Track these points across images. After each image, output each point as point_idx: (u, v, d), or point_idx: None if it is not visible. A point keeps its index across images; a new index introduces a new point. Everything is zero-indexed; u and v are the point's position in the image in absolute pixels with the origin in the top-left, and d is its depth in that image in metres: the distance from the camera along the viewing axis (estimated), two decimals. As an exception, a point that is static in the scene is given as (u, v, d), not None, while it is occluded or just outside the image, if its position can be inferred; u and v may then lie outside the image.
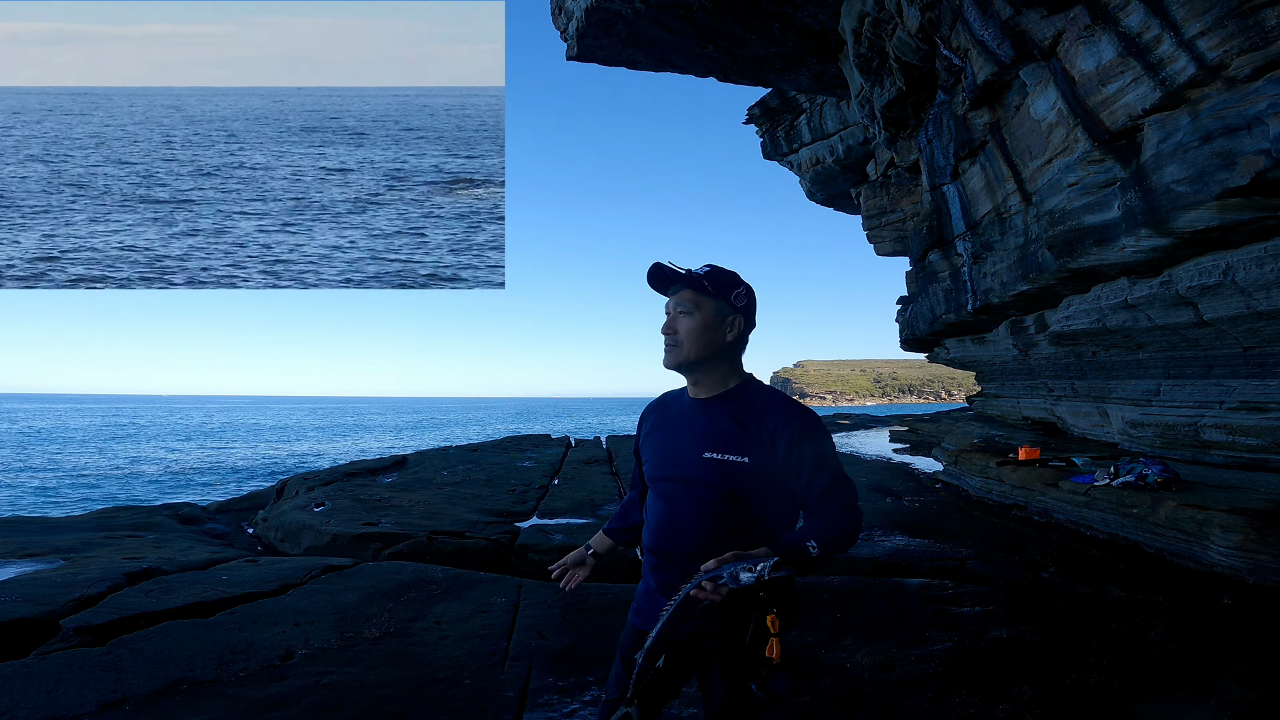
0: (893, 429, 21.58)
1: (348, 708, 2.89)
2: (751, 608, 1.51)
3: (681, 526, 1.64)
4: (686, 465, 1.63)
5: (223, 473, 27.76)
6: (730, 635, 1.57)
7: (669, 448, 1.69)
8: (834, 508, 1.56)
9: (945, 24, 7.72)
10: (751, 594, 1.44)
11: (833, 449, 1.64)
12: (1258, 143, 4.43)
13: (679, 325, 1.66)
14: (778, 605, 1.49)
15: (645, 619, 1.68)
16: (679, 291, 1.68)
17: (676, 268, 1.69)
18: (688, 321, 1.64)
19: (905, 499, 8.37)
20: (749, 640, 1.53)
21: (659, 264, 1.69)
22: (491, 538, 6.22)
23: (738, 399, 1.66)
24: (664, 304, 1.73)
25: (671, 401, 1.80)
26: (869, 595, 4.43)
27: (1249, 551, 4.53)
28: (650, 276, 1.71)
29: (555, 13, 12.31)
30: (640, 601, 1.75)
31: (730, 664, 1.58)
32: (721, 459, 1.57)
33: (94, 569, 4.61)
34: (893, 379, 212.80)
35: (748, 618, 1.54)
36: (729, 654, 1.59)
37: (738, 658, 1.56)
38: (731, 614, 1.54)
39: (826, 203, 23.48)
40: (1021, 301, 8.77)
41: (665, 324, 1.69)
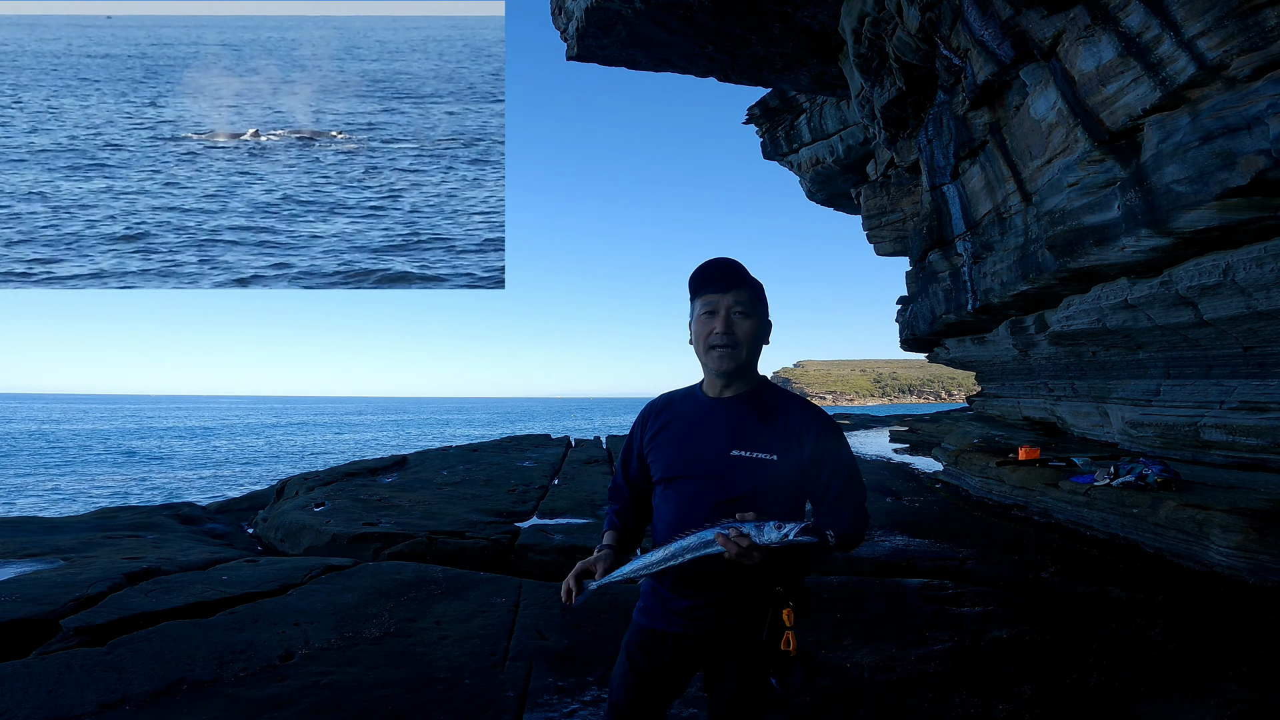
0: (893, 429, 21.60)
1: (348, 708, 2.89)
2: (768, 603, 1.54)
3: (699, 525, 1.60)
4: (710, 463, 1.60)
5: (223, 473, 27.76)
6: (747, 630, 1.57)
7: (688, 446, 1.65)
8: (849, 507, 1.60)
9: (945, 24, 7.73)
10: (769, 585, 1.51)
11: (850, 451, 1.67)
12: (1258, 143, 4.43)
13: (739, 328, 1.60)
14: (793, 599, 1.52)
15: (654, 617, 1.66)
16: (739, 292, 1.61)
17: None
18: (747, 324, 1.61)
19: (905, 499, 8.37)
20: (766, 634, 1.53)
21: (729, 260, 1.63)
22: (492, 538, 6.22)
23: (759, 398, 1.66)
24: (698, 304, 1.65)
25: (681, 400, 1.75)
26: (869, 595, 4.43)
27: (1249, 551, 4.53)
28: (712, 271, 1.63)
29: (555, 13, 12.32)
30: (648, 600, 1.70)
31: (746, 659, 1.58)
32: (750, 456, 1.57)
33: (94, 569, 4.61)
34: (893, 379, 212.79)
35: (764, 612, 1.54)
36: (745, 649, 1.58)
37: (754, 652, 1.56)
38: (748, 608, 1.56)
39: (826, 203, 23.49)
40: (1021, 301, 8.77)
41: (720, 325, 1.60)
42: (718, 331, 1.59)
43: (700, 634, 1.60)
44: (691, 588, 1.59)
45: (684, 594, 1.60)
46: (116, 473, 27.73)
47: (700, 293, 1.63)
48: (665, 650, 1.63)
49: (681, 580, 1.59)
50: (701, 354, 1.65)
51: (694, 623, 1.60)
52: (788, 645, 1.48)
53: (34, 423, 69.58)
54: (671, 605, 1.63)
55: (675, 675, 1.66)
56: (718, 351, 1.60)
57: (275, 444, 45.31)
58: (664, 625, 1.63)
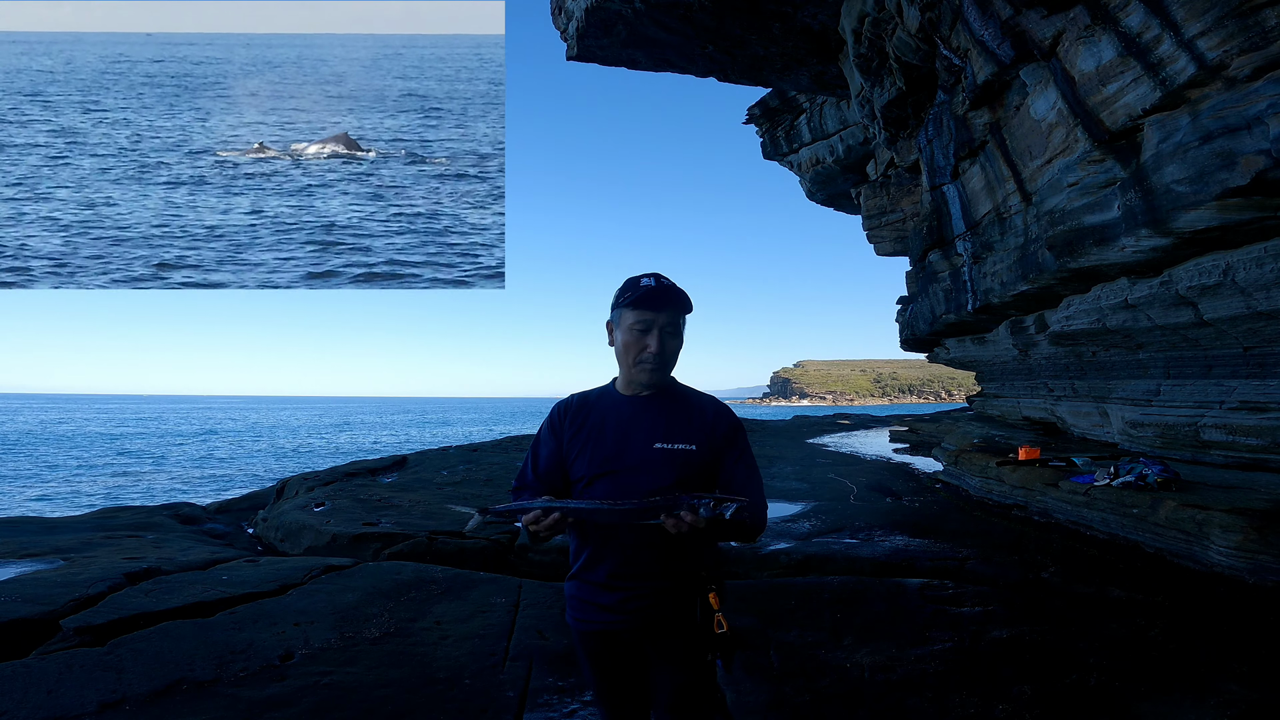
0: (893, 429, 21.60)
1: (348, 708, 2.89)
2: (694, 589, 1.65)
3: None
4: (633, 457, 1.68)
5: (222, 473, 27.76)
6: (681, 617, 1.66)
7: (613, 443, 1.71)
8: (755, 492, 1.70)
9: (945, 24, 7.73)
10: (696, 572, 1.65)
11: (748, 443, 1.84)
12: (1258, 143, 4.43)
13: (668, 347, 1.71)
14: (714, 583, 1.65)
15: (586, 620, 1.72)
16: (672, 313, 1.70)
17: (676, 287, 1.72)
18: (674, 343, 1.73)
19: (905, 499, 8.37)
20: (699, 618, 1.64)
21: (670, 282, 1.70)
22: (491, 538, 6.22)
23: (672, 395, 1.78)
24: (630, 314, 1.70)
25: (596, 400, 1.80)
26: (869, 595, 4.43)
27: (1249, 551, 4.54)
28: (654, 293, 1.68)
29: (555, 13, 12.32)
30: (575, 604, 1.75)
31: (688, 645, 1.67)
32: (672, 448, 1.67)
33: (94, 569, 4.61)
34: (893, 379, 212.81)
35: (692, 600, 1.66)
36: (685, 635, 1.67)
37: (694, 637, 1.65)
38: (679, 596, 1.66)
39: (826, 203, 23.49)
40: (1021, 301, 8.77)
41: (654, 344, 1.68)
42: (651, 351, 1.69)
43: (634, 627, 1.67)
44: (627, 579, 1.66)
45: (619, 586, 1.67)
46: (116, 472, 27.72)
47: (636, 306, 1.69)
48: (610, 648, 1.71)
49: (617, 572, 1.67)
50: (628, 364, 1.73)
51: (628, 615, 1.66)
52: (720, 627, 1.58)
53: (34, 422, 69.57)
54: (602, 601, 1.69)
55: (630, 669, 1.73)
56: (649, 366, 1.70)
57: (275, 444, 45.30)
58: (599, 625, 1.70)
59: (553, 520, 1.58)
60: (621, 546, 1.67)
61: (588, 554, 1.72)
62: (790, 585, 4.66)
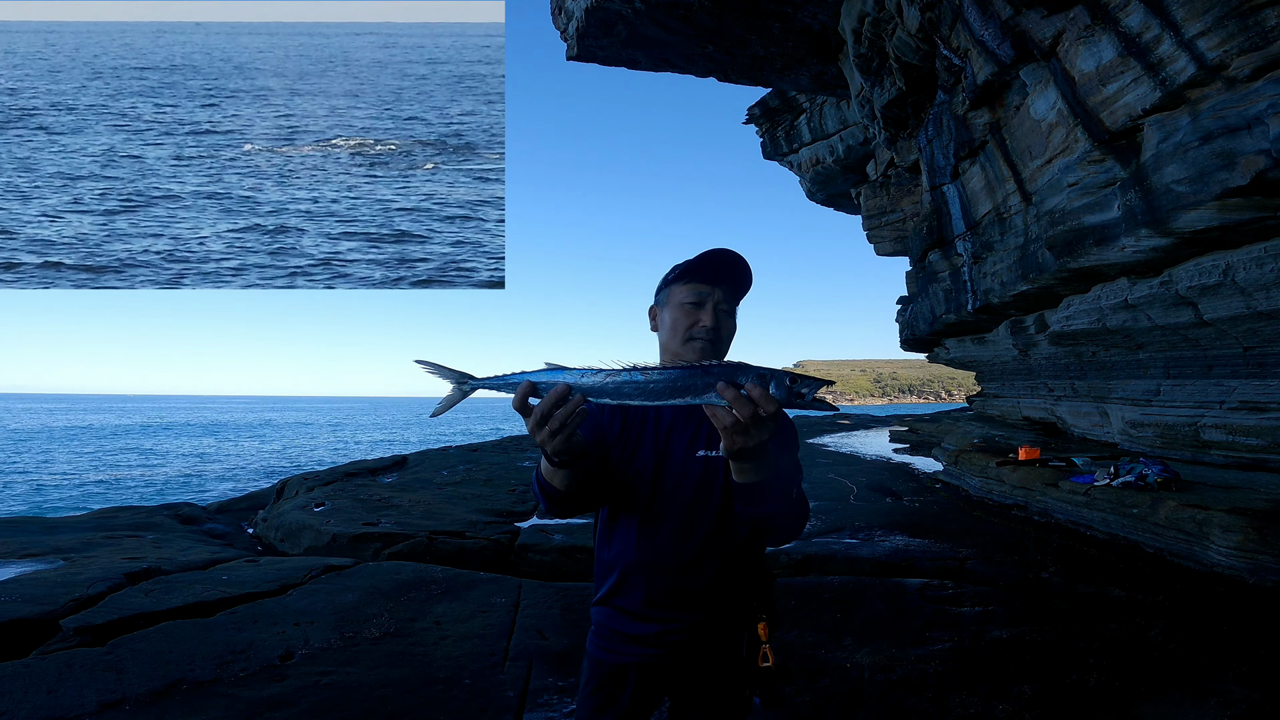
0: (893, 429, 21.59)
1: (348, 708, 2.89)
2: (745, 619, 1.47)
3: (681, 534, 1.47)
4: (672, 466, 1.48)
5: (222, 472, 27.75)
6: (724, 652, 1.48)
7: (647, 453, 1.49)
8: (798, 488, 1.50)
9: (945, 24, 7.73)
10: (748, 601, 1.45)
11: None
12: (1258, 143, 4.43)
13: (724, 325, 1.50)
14: (765, 611, 1.47)
15: (609, 650, 1.49)
16: (729, 292, 1.52)
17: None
18: (730, 323, 1.53)
19: (905, 499, 8.37)
20: (745, 652, 1.46)
21: (738, 258, 1.50)
22: (491, 538, 6.22)
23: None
24: (682, 290, 1.50)
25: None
26: (869, 595, 4.43)
27: (1249, 551, 4.54)
28: (720, 262, 1.49)
29: (555, 13, 12.32)
30: (602, 631, 1.52)
31: (725, 682, 1.49)
32: (716, 455, 1.47)
33: (94, 569, 4.61)
34: (893, 379, 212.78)
35: (741, 630, 1.47)
36: (724, 672, 1.48)
37: (734, 674, 1.48)
38: (725, 629, 1.47)
39: (826, 203, 23.49)
40: (1021, 301, 8.77)
41: (708, 318, 1.48)
42: (705, 324, 1.48)
43: (670, 662, 1.47)
44: (667, 608, 1.45)
45: (656, 616, 1.45)
46: (116, 472, 27.72)
47: (688, 278, 1.50)
48: (625, 689, 1.47)
49: (656, 600, 1.45)
50: (675, 344, 1.50)
51: (665, 648, 1.45)
52: (766, 660, 1.42)
53: (34, 422, 69.54)
54: (635, 631, 1.47)
55: (649, 707, 1.51)
56: (699, 344, 1.48)
57: (275, 444, 45.29)
58: (623, 658, 1.48)
59: (576, 407, 1.20)
60: (662, 570, 1.44)
61: (616, 576, 1.49)
62: (790, 585, 4.66)
